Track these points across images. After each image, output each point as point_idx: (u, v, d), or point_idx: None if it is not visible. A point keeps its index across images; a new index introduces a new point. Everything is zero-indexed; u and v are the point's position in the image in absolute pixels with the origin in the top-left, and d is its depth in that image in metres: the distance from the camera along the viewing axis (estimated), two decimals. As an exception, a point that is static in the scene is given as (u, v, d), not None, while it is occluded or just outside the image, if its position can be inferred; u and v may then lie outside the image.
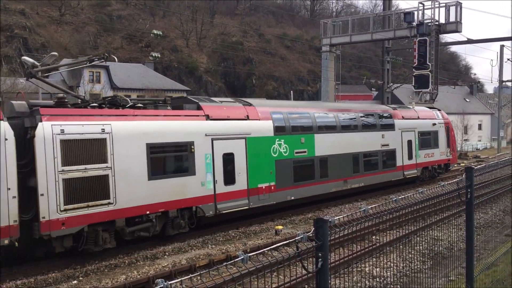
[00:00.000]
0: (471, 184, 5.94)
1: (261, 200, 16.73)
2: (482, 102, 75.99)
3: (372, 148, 21.98)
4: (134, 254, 13.04)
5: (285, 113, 18.23)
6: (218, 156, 15.29)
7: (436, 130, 26.47)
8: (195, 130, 14.75)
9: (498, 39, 40.24)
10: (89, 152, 12.14)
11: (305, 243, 3.49)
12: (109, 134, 12.54)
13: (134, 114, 13.44)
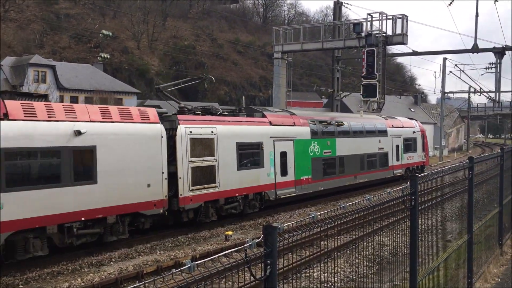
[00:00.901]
0: (415, 191, 6.13)
1: (303, 189, 21.05)
2: (426, 112, 79.07)
3: (373, 150, 26.58)
4: (78, 261, 12.60)
5: (317, 121, 22.76)
6: (277, 154, 19.62)
7: (415, 137, 31.58)
8: (264, 133, 19.19)
9: (441, 52, 42.11)
10: (205, 148, 16.47)
11: (253, 249, 3.47)
12: (216, 135, 16.89)
13: (228, 120, 17.92)
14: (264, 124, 19.42)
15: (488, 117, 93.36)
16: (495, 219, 11.05)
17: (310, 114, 24.78)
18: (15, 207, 11.29)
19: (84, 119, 13.09)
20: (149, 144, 14.59)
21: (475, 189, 8.99)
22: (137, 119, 14.49)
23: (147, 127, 14.66)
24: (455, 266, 8.04)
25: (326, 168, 22.64)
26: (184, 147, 15.63)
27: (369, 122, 27.31)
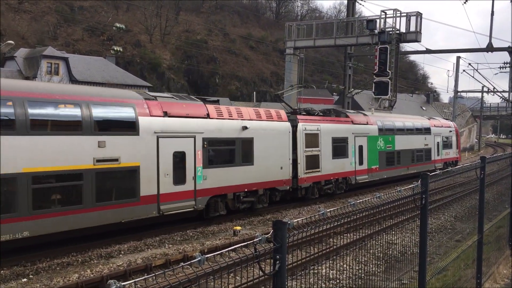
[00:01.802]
0: (426, 190, 6.09)
1: (373, 176, 25.57)
2: (438, 111, 78.46)
3: (420, 146, 30.76)
4: (88, 252, 12.72)
5: (381, 120, 27.03)
6: (356, 147, 24.08)
7: (451, 136, 35.94)
8: (348, 130, 23.64)
9: (455, 51, 41.74)
10: (313, 141, 20.98)
11: (263, 245, 3.49)
12: (319, 131, 21.47)
13: (327, 120, 22.48)
14: (348, 123, 24.08)
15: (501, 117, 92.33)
16: (506, 220, 10.97)
17: (375, 114, 28.34)
18: (212, 180, 16.04)
19: (247, 118, 17.81)
20: (282, 137, 19.28)
21: (486, 189, 8.92)
22: (275, 118, 19.30)
23: (281, 124, 19.44)
24: (464, 266, 8.00)
25: (388, 159, 27.13)
26: (301, 140, 20.35)
27: (417, 122, 31.77)
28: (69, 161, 11.98)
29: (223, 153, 16.82)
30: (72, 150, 12.07)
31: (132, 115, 13.60)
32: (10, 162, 10.85)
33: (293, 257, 9.49)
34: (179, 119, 15.03)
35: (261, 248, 3.43)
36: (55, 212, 11.76)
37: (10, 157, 10.87)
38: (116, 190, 13.22)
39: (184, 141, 15.11)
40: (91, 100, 12.73)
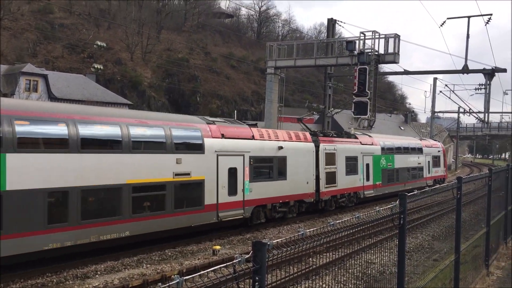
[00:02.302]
0: (404, 210, 6.17)
1: (377, 191, 28.45)
2: (415, 130, 79.69)
3: (414, 165, 34.01)
4: (63, 273, 12.45)
5: (383, 141, 30.23)
6: (364, 164, 27.08)
7: (440, 155, 39.16)
8: (358, 150, 26.75)
9: (431, 72, 42.54)
10: (331, 159, 23.92)
11: (243, 264, 3.48)
12: (336, 151, 24.50)
13: (341, 140, 25.61)
14: (357, 143, 27.18)
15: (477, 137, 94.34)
16: (482, 239, 11.13)
17: (377, 136, 31.63)
18: (256, 192, 18.77)
19: (281, 139, 20.71)
20: (308, 156, 22.17)
21: (463, 208, 9.06)
22: (302, 139, 22.14)
23: (307, 145, 22.30)
24: (441, 286, 8.06)
25: (389, 176, 30.09)
26: (322, 158, 23.34)
27: (412, 142, 35.35)
28: (157, 175, 14.86)
29: (264, 169, 19.69)
30: (159, 166, 14.98)
31: (200, 137, 16.64)
32: (118, 175, 13.67)
33: (272, 277, 9.44)
34: (232, 140, 17.98)
35: (240, 268, 3.42)
36: (147, 216, 14.55)
37: (118, 171, 13.69)
38: (188, 199, 15.98)
39: (236, 159, 18.04)
40: (171, 125, 15.75)
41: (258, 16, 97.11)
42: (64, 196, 12.51)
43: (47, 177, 12.15)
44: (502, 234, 14.20)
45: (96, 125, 13.60)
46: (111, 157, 13.71)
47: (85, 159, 13.01)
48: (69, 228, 12.51)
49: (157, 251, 15.17)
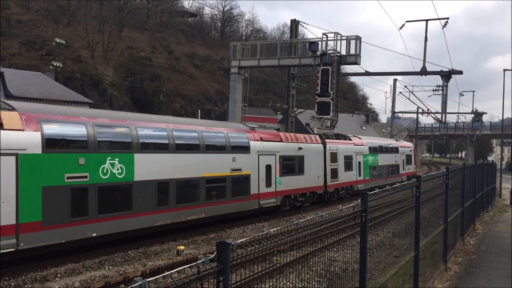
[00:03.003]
0: (365, 208, 6.29)
1: (366, 185, 32.29)
2: (376, 130, 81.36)
3: (393, 162, 38.73)
4: (21, 276, 12.06)
5: (370, 142, 35.13)
6: (357, 162, 31.56)
7: (411, 154, 44.26)
8: (353, 150, 31.16)
9: (391, 73, 43.62)
10: (334, 158, 28.16)
11: (207, 265, 3.46)
12: (337, 151, 28.80)
13: (340, 142, 29.99)
14: (351, 144, 31.48)
15: (435, 137, 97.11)
16: (440, 236, 11.47)
17: (365, 137, 36.55)
18: (284, 185, 23.11)
19: (300, 141, 24.88)
20: (318, 155, 26.59)
21: (422, 206, 9.31)
22: (314, 141, 26.58)
23: (318, 146, 26.76)
24: (402, 282, 8.26)
25: (374, 172, 34.56)
26: (328, 157, 27.59)
27: (391, 143, 40.24)
28: (221, 170, 19.17)
29: (289, 166, 23.72)
30: (222, 163, 19.26)
31: (247, 140, 20.93)
32: (198, 170, 17.98)
33: (237, 277, 9.43)
34: (268, 142, 22.31)
35: (205, 269, 3.41)
36: (215, 202, 18.81)
37: (197, 167, 17.98)
38: (240, 190, 20.14)
39: (271, 157, 22.37)
40: (229, 131, 20.22)
41: (221, 15, 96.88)
42: (166, 186, 16.53)
43: (157, 171, 16.21)
44: (459, 230, 14.68)
45: (184, 132, 17.93)
46: (193, 156, 17.94)
47: (178, 158, 17.21)
48: (169, 210, 16.64)
49: (119, 252, 14.92)
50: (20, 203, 12.07)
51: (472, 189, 16.83)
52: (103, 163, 14.46)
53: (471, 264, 12.86)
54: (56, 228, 13.01)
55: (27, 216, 12.23)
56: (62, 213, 13.18)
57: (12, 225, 11.85)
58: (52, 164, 13.00)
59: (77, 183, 13.66)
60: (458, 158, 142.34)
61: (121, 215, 14.90)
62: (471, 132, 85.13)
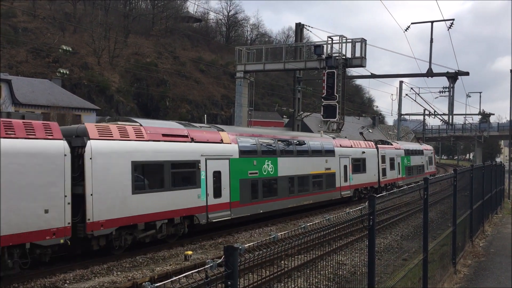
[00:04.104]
0: (373, 211, 6.27)
1: (404, 182, 37.66)
2: (383, 133, 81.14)
3: (420, 163, 44.90)
4: (30, 283, 12.12)
5: (405, 145, 41.65)
6: (398, 162, 37.42)
7: (432, 156, 51.09)
8: (394, 153, 37.05)
9: (397, 76, 43.49)
10: (383, 160, 34.65)
11: (215, 269, 3.47)
12: (385, 154, 35.15)
13: (386, 147, 35.55)
14: (393, 148, 37.31)
15: (442, 139, 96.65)
16: (449, 238, 11.39)
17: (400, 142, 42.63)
18: (354, 180, 29.60)
19: (362, 147, 31.26)
20: (374, 157, 32.80)
21: (430, 208, 9.26)
22: (371, 147, 32.63)
23: (373, 150, 32.87)
24: (411, 285, 8.21)
25: (408, 171, 40.43)
26: (380, 159, 33.93)
27: (417, 146, 46.15)
28: (319, 169, 25.92)
29: (357, 166, 30.17)
30: (320, 164, 26.01)
31: (333, 147, 27.62)
32: (307, 169, 24.72)
33: (244, 281, 9.42)
34: (344, 148, 28.91)
35: (212, 274, 3.41)
36: (316, 192, 25.58)
37: (307, 167, 24.76)
38: (330, 184, 26.89)
39: (346, 159, 28.81)
40: (322, 140, 27.14)
41: (226, 20, 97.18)
42: (292, 180, 23.46)
43: (288, 169, 23.06)
44: (468, 232, 14.58)
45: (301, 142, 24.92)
46: (305, 159, 24.76)
47: (298, 160, 24.10)
48: (294, 197, 23.58)
49: (127, 258, 14.95)
50: (231, 189, 19.23)
51: (480, 190, 16.72)
52: (264, 164, 21.58)
53: (481, 267, 12.77)
54: (246, 206, 20.15)
55: (233, 197, 19.39)
56: (248, 196, 20.32)
57: (227, 203, 19.07)
58: (243, 165, 20.16)
59: (253, 177, 20.85)
60: (466, 159, 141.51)
61: (273, 199, 22.00)
62: (479, 133, 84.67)
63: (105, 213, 13.99)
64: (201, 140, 18.05)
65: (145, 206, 15.28)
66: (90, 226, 13.58)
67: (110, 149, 14.42)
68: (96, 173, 13.87)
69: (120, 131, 15.08)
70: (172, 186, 16.43)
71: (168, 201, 16.18)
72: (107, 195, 14.12)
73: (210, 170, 18.16)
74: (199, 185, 17.58)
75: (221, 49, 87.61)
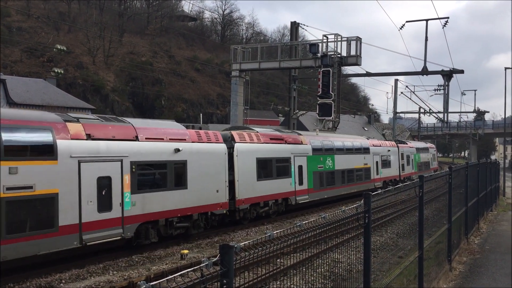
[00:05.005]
0: (368, 209, 6.28)
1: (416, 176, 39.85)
2: (378, 131, 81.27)
3: (427, 160, 51.10)
4: (26, 283, 12.08)
5: (415, 144, 48.34)
6: (412, 159, 43.95)
7: (435, 153, 58.28)
8: (409, 150, 43.68)
9: (392, 74, 43.54)
10: (402, 156, 41.07)
11: (211, 268, 3.46)
12: (404, 151, 41.73)
13: (404, 145, 42.50)
14: (408, 147, 43.38)
15: (437, 137, 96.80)
16: (445, 235, 11.44)
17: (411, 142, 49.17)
18: (383, 174, 36.05)
19: (388, 146, 37.53)
20: (396, 155, 38.66)
21: (425, 206, 9.29)
22: (393, 145, 38.85)
23: (395, 148, 38.69)
24: (407, 282, 8.24)
25: (419, 166, 46.12)
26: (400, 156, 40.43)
27: (424, 145, 53.15)
28: (359, 164, 31.36)
29: (384, 162, 36.31)
30: (359, 160, 31.50)
31: (368, 146, 33.06)
32: (352, 164, 30.38)
33: (240, 280, 9.42)
34: (375, 147, 34.40)
35: (208, 272, 3.41)
36: (358, 183, 30.98)
37: (351, 162, 30.13)
38: (366, 176, 32.24)
39: (377, 156, 34.73)
40: (361, 140, 32.97)
41: (221, 19, 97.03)
42: (344, 172, 28.95)
43: (341, 164, 28.69)
44: (463, 230, 14.64)
45: (346, 142, 30.50)
46: (350, 156, 30.22)
47: (346, 157, 29.58)
48: (345, 186, 29.16)
49: (123, 257, 14.92)
50: (308, 179, 25.01)
51: (475, 188, 16.79)
52: (326, 160, 27.22)
53: (476, 264, 12.82)
54: (317, 192, 25.85)
55: (309, 185, 25.11)
56: (318, 184, 25.98)
57: (306, 189, 24.83)
58: (314, 160, 25.87)
59: (320, 170, 26.46)
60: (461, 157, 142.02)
61: (332, 187, 27.70)
62: (474, 131, 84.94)
63: (244, 193, 20.01)
64: (291, 142, 24.08)
65: (263, 190, 21.30)
66: (238, 202, 19.67)
67: (245, 149, 20.35)
68: (239, 166, 19.74)
69: (249, 136, 21.04)
70: (277, 175, 22.34)
71: (275, 187, 22.14)
72: (245, 181, 20.10)
73: (296, 164, 24.05)
74: (291, 175, 23.50)
75: (217, 48, 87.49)
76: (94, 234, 13.42)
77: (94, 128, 14.03)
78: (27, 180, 11.87)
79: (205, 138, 18.09)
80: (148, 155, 15.43)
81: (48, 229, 12.30)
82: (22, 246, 11.69)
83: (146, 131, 15.79)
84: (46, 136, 12.57)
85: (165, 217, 16.04)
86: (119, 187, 14.24)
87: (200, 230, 17.81)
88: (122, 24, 74.03)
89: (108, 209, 13.89)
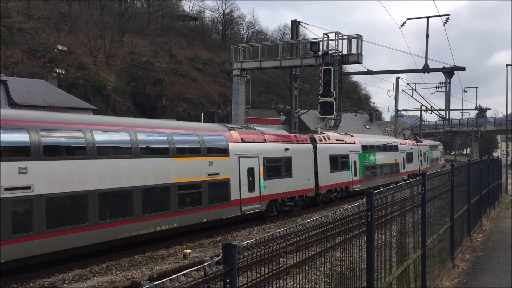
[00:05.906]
0: (371, 207, 6.27)
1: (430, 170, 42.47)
2: (380, 129, 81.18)
3: (437, 156, 58.60)
4: (29, 283, 12.10)
5: (429, 143, 56.83)
6: (427, 156, 51.17)
7: (442, 151, 65.38)
8: (425, 148, 51.55)
9: (393, 71, 43.44)
10: (420, 153, 48.09)
11: (213, 268, 3.46)
12: (421, 149, 48.51)
13: (420, 144, 49.33)
14: (424, 145, 48.79)
15: (439, 134, 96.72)
16: (447, 233, 11.42)
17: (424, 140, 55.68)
18: (407, 168, 42.82)
19: (411, 144, 45.10)
20: (416, 151, 45.44)
21: (428, 204, 9.28)
22: (414, 144, 46.25)
23: (416, 146, 45.81)
24: (409, 280, 8.23)
25: (432, 162, 51.98)
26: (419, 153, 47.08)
27: (434, 143, 59.55)
28: (390, 160, 37.69)
29: (408, 158, 42.48)
30: (390, 156, 37.56)
31: (397, 144, 39.02)
32: (384, 160, 36.58)
33: (243, 278, 9.43)
34: (402, 145, 39.98)
35: (211, 271, 3.41)
36: (389, 176, 37.19)
37: (384, 158, 36.52)
38: (396, 170, 38.82)
39: (404, 154, 40.16)
40: (393, 140, 41.16)
41: (222, 18, 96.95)
42: (379, 167, 34.05)
43: (379, 159, 34.82)
44: (465, 227, 14.62)
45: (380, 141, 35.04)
46: (382, 154, 35.07)
47: (381, 154, 34.41)
48: (376, 179, 33.60)
49: (126, 257, 14.94)
50: (360, 171, 31.20)
51: (477, 185, 16.76)
52: (370, 156, 33.19)
53: (479, 261, 12.81)
54: (365, 182, 31.75)
55: (361, 177, 31.63)
56: (366, 176, 31.90)
57: (359, 180, 31.02)
58: (363, 156, 31.87)
59: (367, 164, 32.39)
60: (463, 154, 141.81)
61: (374, 179, 33.38)
62: (476, 128, 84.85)
63: (323, 182, 26.62)
64: (348, 142, 30.78)
65: (334, 179, 27.94)
66: (320, 188, 26.24)
67: (323, 148, 27.18)
68: (319, 161, 26.41)
69: (324, 138, 28.01)
70: (341, 168, 29.02)
71: (340, 177, 28.76)
72: (323, 172, 26.74)
73: (352, 160, 30.46)
74: (349, 168, 30.06)
75: (217, 47, 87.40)
76: (247, 207, 19.82)
77: (244, 134, 20.61)
78: (216, 169, 18.38)
79: (300, 140, 25.05)
80: (271, 152, 21.87)
81: (225, 201, 18.67)
82: (214, 212, 18.14)
83: (269, 136, 22.37)
84: (223, 141, 19.19)
85: (281, 198, 22.53)
86: (258, 175, 20.56)
87: (298, 208, 24.43)
88: (122, 24, 74.01)
89: (253, 190, 20.23)
